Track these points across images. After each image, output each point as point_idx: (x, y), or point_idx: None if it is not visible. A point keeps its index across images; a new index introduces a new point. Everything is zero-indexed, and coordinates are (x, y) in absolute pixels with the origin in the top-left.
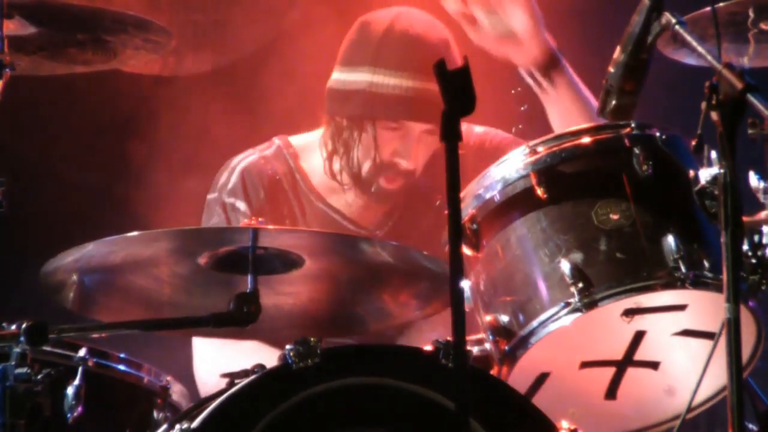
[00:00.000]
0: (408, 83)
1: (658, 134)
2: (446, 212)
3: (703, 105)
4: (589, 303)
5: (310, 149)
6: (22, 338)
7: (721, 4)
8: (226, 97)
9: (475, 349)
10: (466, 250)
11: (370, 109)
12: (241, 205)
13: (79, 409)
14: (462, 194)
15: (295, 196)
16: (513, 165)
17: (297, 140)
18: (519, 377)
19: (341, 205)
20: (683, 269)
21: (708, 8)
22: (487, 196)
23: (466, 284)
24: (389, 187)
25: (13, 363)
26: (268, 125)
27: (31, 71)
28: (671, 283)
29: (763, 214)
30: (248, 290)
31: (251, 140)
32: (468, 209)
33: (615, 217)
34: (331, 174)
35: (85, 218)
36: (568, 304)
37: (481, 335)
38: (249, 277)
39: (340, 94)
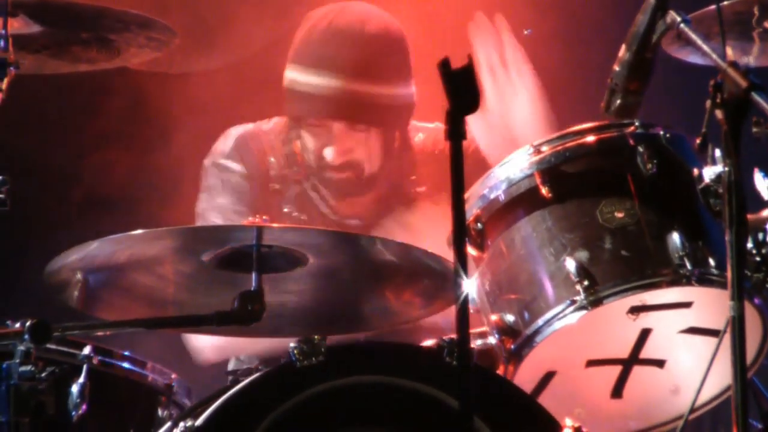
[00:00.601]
0: (321, 81)
1: (662, 133)
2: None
3: (708, 103)
4: (594, 301)
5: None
6: (26, 336)
7: (726, 3)
8: (233, 94)
9: (477, 343)
10: (471, 250)
11: (292, 106)
12: (235, 166)
13: (84, 407)
14: (466, 194)
15: (285, 171)
16: (517, 165)
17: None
18: (525, 376)
19: (322, 190)
20: (688, 266)
21: (713, 7)
22: (492, 196)
23: (471, 284)
24: (336, 176)
25: (17, 361)
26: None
27: (35, 70)
28: (676, 281)
29: (767, 212)
30: (252, 288)
31: None
32: (473, 209)
33: (620, 215)
34: (285, 162)
35: (90, 216)
36: (573, 302)
37: (483, 328)
38: (253, 275)
39: (301, 94)
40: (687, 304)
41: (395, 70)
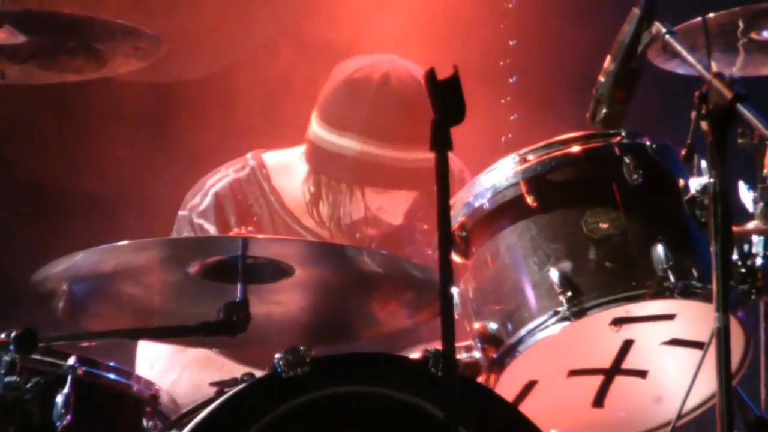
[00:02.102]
0: (399, 154)
1: (648, 143)
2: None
3: (693, 114)
4: (577, 312)
5: (286, 170)
6: (11, 346)
7: (711, 15)
8: (218, 105)
9: (463, 356)
10: (456, 258)
11: (358, 176)
12: (211, 228)
13: (68, 417)
14: (452, 201)
15: (270, 218)
16: (503, 173)
17: (271, 159)
18: (507, 385)
19: (311, 225)
20: (672, 279)
21: (698, 19)
22: (477, 204)
23: (455, 291)
24: (371, 233)
25: (2, 371)
26: (260, 137)
27: (22, 80)
28: (660, 293)
29: (752, 224)
30: (238, 299)
31: (242, 152)
32: (458, 217)
33: (605, 226)
34: (318, 218)
35: (76, 227)
36: (556, 313)
37: (469, 342)
38: (239, 286)
39: (327, 154)
40: (670, 317)
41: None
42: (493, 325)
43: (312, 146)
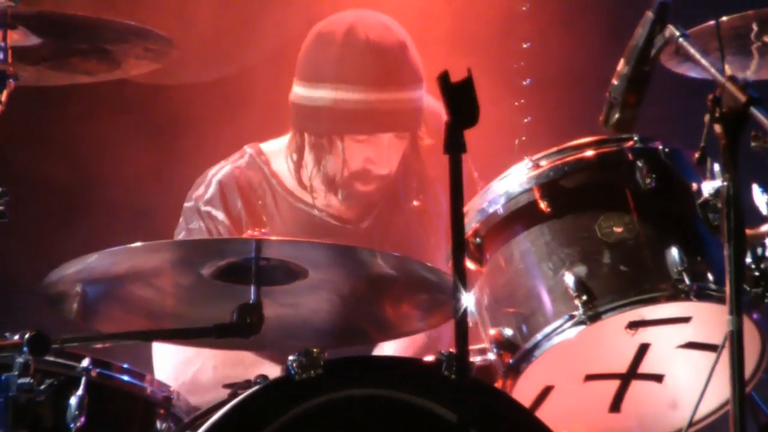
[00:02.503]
0: (372, 96)
1: (661, 147)
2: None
3: (707, 118)
4: (593, 316)
5: (283, 154)
6: (24, 348)
7: (725, 18)
8: (229, 106)
9: (477, 359)
10: (470, 265)
11: (337, 125)
12: (219, 214)
13: (82, 419)
14: (465, 209)
15: (274, 200)
16: (516, 179)
17: (268, 146)
18: (523, 390)
19: (321, 203)
20: (687, 281)
21: (711, 22)
22: (491, 210)
23: (470, 298)
24: (364, 189)
25: (15, 373)
26: (266, 134)
27: (35, 82)
28: (675, 296)
29: (765, 227)
30: (251, 301)
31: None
32: (471, 223)
33: (618, 230)
34: (300, 183)
35: (89, 229)
36: (572, 317)
37: (483, 345)
38: (252, 288)
39: (305, 110)
40: (686, 319)
41: (420, 72)
42: (508, 331)
43: (293, 107)
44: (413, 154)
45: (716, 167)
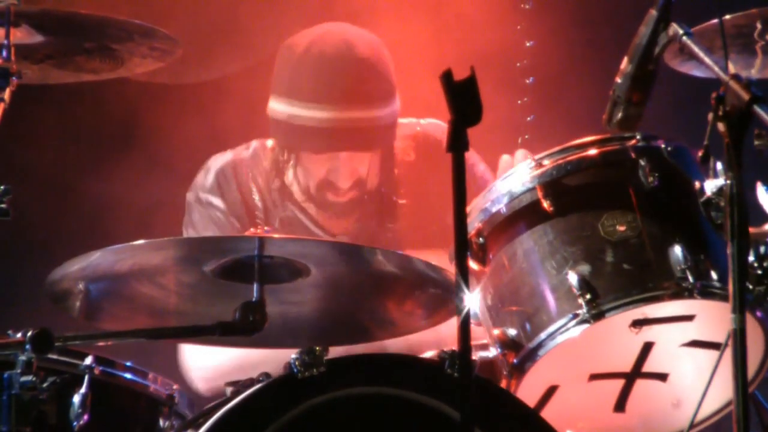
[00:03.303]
0: (323, 114)
1: (664, 146)
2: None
3: (710, 116)
4: (596, 314)
5: None
6: (27, 346)
7: (728, 17)
8: (231, 105)
9: (478, 354)
10: (473, 264)
11: (291, 140)
12: (217, 201)
13: (85, 417)
14: (468, 208)
15: (270, 197)
16: (519, 178)
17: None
18: (528, 390)
19: (313, 211)
20: (690, 279)
21: (715, 20)
22: (494, 209)
23: (474, 298)
24: (340, 200)
25: (18, 371)
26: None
27: (39, 80)
28: (678, 294)
29: None
30: (254, 299)
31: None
32: (474, 223)
33: (621, 228)
34: (268, 190)
35: (92, 226)
36: (576, 316)
37: (484, 341)
38: (255, 286)
39: (271, 121)
40: (689, 317)
41: (386, 89)
42: (512, 331)
43: (278, 124)
44: (389, 167)
45: (719, 165)
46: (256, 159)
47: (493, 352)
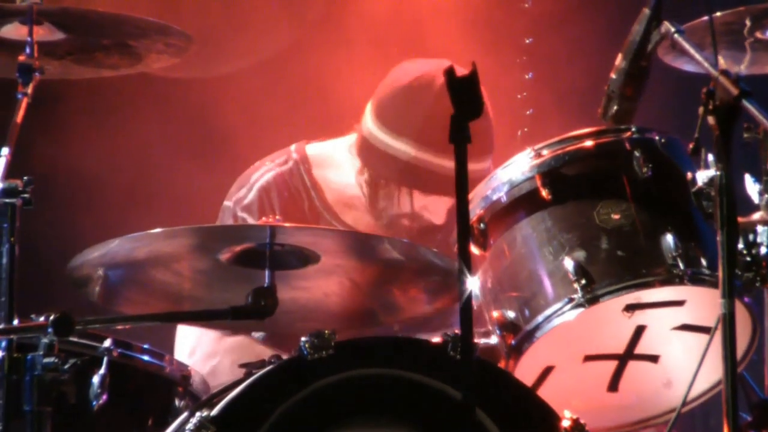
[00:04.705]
0: (450, 163)
1: (657, 138)
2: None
3: (701, 110)
4: (591, 299)
5: (328, 162)
6: (49, 329)
7: (718, 14)
8: (248, 99)
9: (481, 341)
10: (474, 250)
11: (408, 178)
12: (252, 221)
13: (104, 397)
14: (470, 196)
15: (310, 210)
16: (519, 168)
17: (314, 150)
18: (525, 370)
19: (350, 220)
20: (681, 266)
21: (705, 18)
22: (494, 197)
23: (474, 281)
24: (409, 225)
25: (40, 353)
26: (290, 128)
27: (60, 75)
28: (670, 280)
29: (757, 215)
30: (265, 285)
31: (272, 142)
32: (476, 210)
33: (616, 216)
34: (375, 214)
35: (111, 215)
36: (571, 300)
37: (487, 328)
38: (266, 273)
39: (380, 153)
40: (680, 302)
41: (490, 144)
42: (510, 313)
43: (365, 142)
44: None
45: (710, 157)
46: (295, 173)
47: (494, 339)
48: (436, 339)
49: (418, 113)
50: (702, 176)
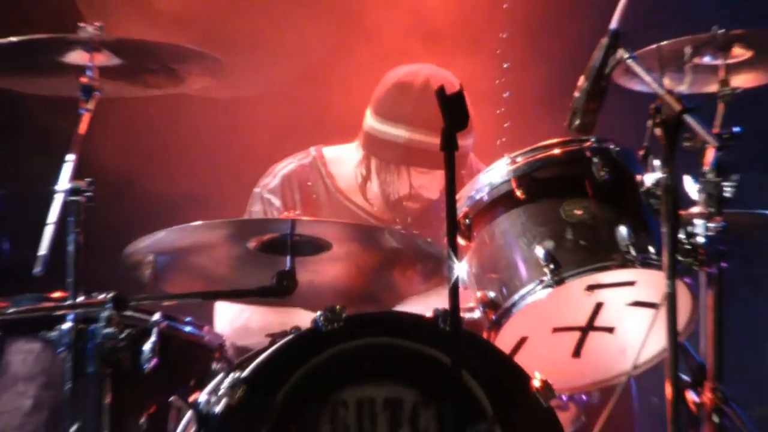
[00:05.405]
0: (438, 140)
1: (612, 147)
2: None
3: (649, 123)
4: (558, 280)
5: (341, 161)
6: (108, 305)
7: (665, 43)
8: (272, 116)
9: (467, 316)
10: (461, 240)
11: (407, 158)
12: (276, 201)
13: (154, 361)
14: (458, 196)
15: (327, 196)
16: (498, 172)
17: (329, 152)
18: (504, 340)
19: (364, 203)
20: (633, 253)
21: (654, 45)
22: (478, 197)
23: (461, 267)
24: (411, 206)
25: (101, 324)
26: (307, 141)
27: (115, 94)
28: (624, 264)
29: (695, 209)
30: (287, 268)
31: (292, 152)
32: (462, 208)
33: (579, 212)
34: (365, 197)
35: (159, 210)
36: (542, 282)
37: (472, 305)
38: (288, 258)
39: (379, 141)
40: (632, 283)
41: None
42: (491, 293)
43: (367, 136)
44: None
45: (657, 162)
46: (313, 166)
47: (478, 314)
48: (429, 314)
49: (409, 102)
50: (650, 178)
